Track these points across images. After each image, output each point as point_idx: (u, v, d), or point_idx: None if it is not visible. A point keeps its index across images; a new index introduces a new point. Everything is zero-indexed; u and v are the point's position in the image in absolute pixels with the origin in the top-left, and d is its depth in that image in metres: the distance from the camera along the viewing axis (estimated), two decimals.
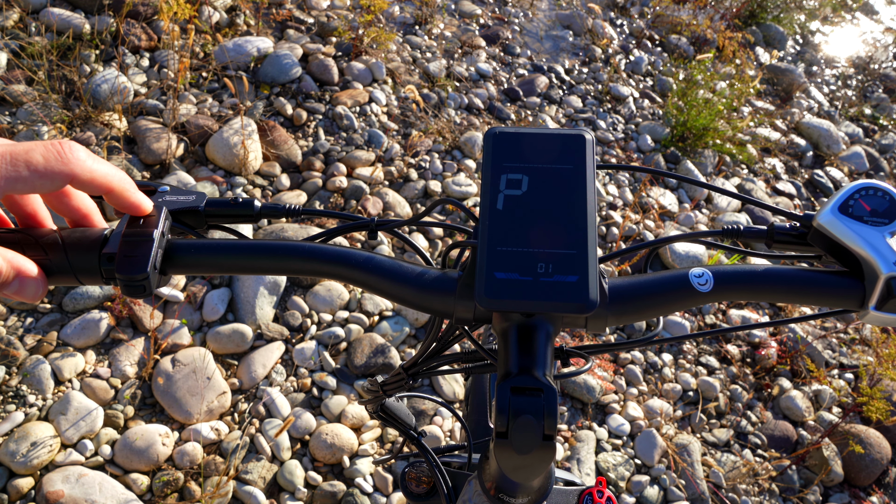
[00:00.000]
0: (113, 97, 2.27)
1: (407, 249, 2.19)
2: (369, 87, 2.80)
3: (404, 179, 2.48)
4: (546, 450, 0.40)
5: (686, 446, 1.93)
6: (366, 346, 1.90)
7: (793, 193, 3.22)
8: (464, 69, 3.17)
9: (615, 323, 0.48)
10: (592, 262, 0.42)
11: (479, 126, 2.87)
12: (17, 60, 2.25)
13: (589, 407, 1.99)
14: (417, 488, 0.66)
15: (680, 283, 0.49)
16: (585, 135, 0.46)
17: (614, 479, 1.83)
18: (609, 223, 2.60)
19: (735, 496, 1.88)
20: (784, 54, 4.63)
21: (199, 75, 2.56)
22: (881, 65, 4.87)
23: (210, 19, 2.72)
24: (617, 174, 2.89)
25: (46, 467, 1.50)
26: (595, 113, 3.25)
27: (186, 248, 0.50)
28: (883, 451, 2.02)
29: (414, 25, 3.37)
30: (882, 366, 2.07)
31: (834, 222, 0.50)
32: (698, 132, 3.09)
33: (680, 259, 2.43)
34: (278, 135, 2.38)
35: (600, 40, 3.84)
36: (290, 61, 2.66)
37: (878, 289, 0.48)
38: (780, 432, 2.07)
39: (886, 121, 4.14)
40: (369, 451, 1.71)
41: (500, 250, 0.43)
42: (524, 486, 0.46)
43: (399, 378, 0.64)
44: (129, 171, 2.09)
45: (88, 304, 1.79)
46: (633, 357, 2.17)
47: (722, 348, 2.30)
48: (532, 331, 0.44)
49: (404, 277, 0.49)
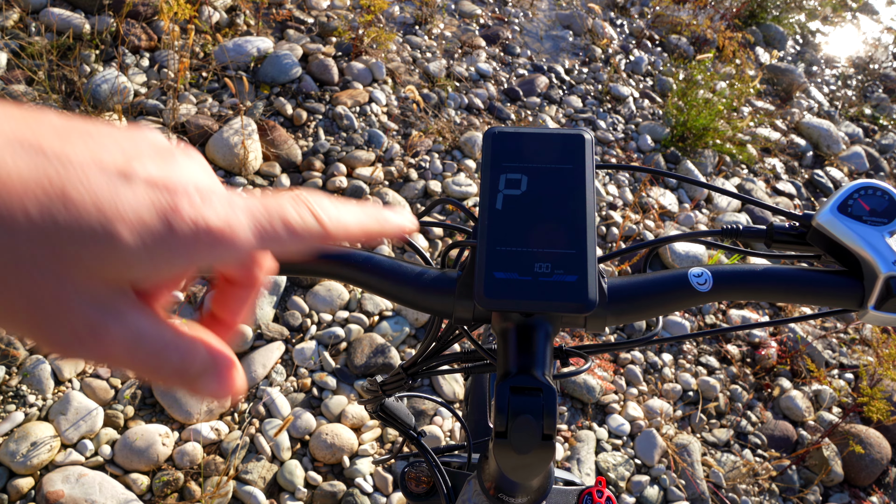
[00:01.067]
0: (113, 97, 2.27)
1: (407, 249, 2.19)
2: (369, 87, 2.80)
3: (404, 179, 2.48)
4: (545, 449, 0.40)
5: (686, 446, 1.93)
6: (366, 346, 1.90)
7: (793, 193, 3.22)
8: (464, 69, 3.17)
9: (614, 322, 0.48)
10: (592, 262, 0.42)
11: (479, 126, 2.87)
12: (17, 60, 2.25)
13: (589, 407, 1.99)
14: (417, 488, 0.66)
15: (679, 283, 0.49)
16: (585, 134, 0.46)
17: (614, 479, 1.83)
18: (609, 223, 2.60)
19: (735, 496, 1.88)
20: (784, 54, 4.63)
21: (199, 75, 2.56)
22: (881, 65, 4.87)
23: (210, 19, 2.72)
24: (617, 174, 2.89)
25: (46, 467, 1.50)
26: (595, 113, 3.25)
27: None
28: (883, 451, 2.02)
29: (414, 25, 3.37)
30: (882, 366, 2.06)
31: (833, 222, 0.51)
32: (698, 132, 3.09)
33: (680, 259, 2.43)
34: (278, 135, 2.38)
35: (600, 40, 3.84)
36: (290, 61, 2.66)
37: (877, 288, 0.48)
38: (780, 432, 2.07)
39: (886, 121, 4.14)
40: (369, 451, 1.71)
41: (499, 250, 0.43)
42: (523, 486, 0.46)
43: (399, 378, 0.64)
44: None
45: None
46: (633, 357, 2.17)
47: (722, 348, 2.30)
48: (531, 330, 0.44)
49: (404, 277, 0.49)
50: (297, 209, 0.28)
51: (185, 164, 0.27)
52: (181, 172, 0.26)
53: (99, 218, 0.23)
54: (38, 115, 0.25)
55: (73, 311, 0.23)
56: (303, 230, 0.28)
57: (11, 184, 0.22)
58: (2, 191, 0.21)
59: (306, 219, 0.29)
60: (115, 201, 0.23)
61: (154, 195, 0.24)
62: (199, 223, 0.25)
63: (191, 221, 0.24)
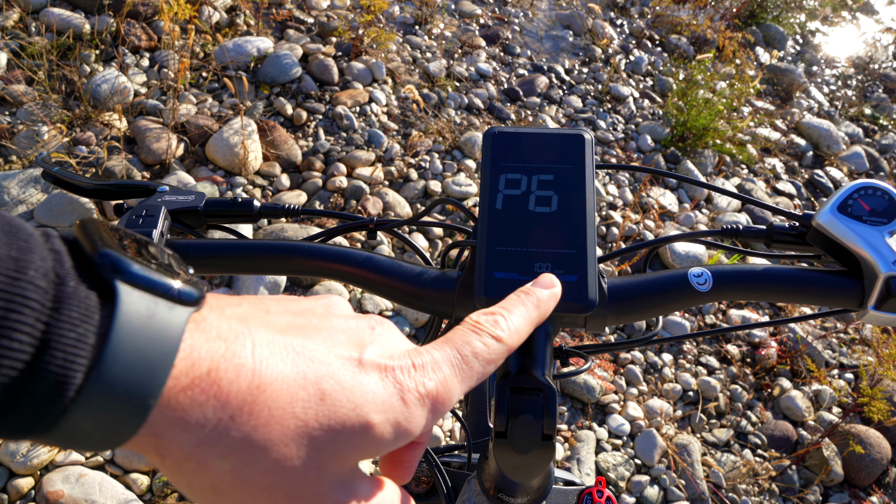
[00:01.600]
0: (113, 97, 2.27)
1: (407, 249, 2.19)
2: (369, 87, 2.80)
3: (404, 179, 2.48)
4: (545, 449, 0.40)
5: (686, 446, 1.93)
6: None
7: (793, 193, 3.22)
8: (464, 69, 3.17)
9: (614, 322, 0.48)
10: (591, 262, 0.42)
11: (479, 126, 2.87)
12: (17, 60, 2.25)
13: (589, 407, 1.99)
14: (417, 488, 0.65)
15: (679, 283, 0.49)
16: (585, 135, 0.46)
17: (614, 479, 1.83)
18: (609, 223, 2.60)
19: (735, 496, 1.88)
20: (784, 54, 4.63)
21: (199, 75, 2.56)
22: (881, 65, 4.87)
23: (210, 19, 2.72)
24: (617, 174, 2.89)
25: (46, 467, 1.50)
26: (595, 113, 3.25)
27: (185, 248, 0.50)
28: (883, 451, 2.02)
29: (414, 25, 3.37)
30: (882, 366, 2.06)
31: (833, 222, 0.51)
32: (698, 132, 3.09)
33: (680, 259, 2.43)
34: (278, 135, 2.38)
35: (600, 40, 3.84)
36: (290, 61, 2.66)
37: (877, 288, 0.48)
38: (780, 432, 2.07)
39: (886, 121, 4.14)
40: None
41: (499, 250, 0.43)
42: (523, 486, 0.46)
43: None
44: (128, 171, 2.09)
45: None
46: (633, 357, 2.17)
47: (722, 348, 2.30)
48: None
49: (404, 277, 0.49)
50: (482, 340, 0.30)
51: (388, 338, 0.29)
52: (392, 348, 0.28)
53: (354, 410, 0.24)
54: (267, 306, 0.27)
55: (325, 497, 0.25)
56: (494, 357, 0.30)
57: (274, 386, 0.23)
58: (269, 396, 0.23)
59: (492, 346, 0.30)
60: (363, 392, 0.25)
61: (386, 377, 0.26)
62: (423, 394, 0.27)
63: (418, 394, 0.26)
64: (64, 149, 2.07)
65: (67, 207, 1.90)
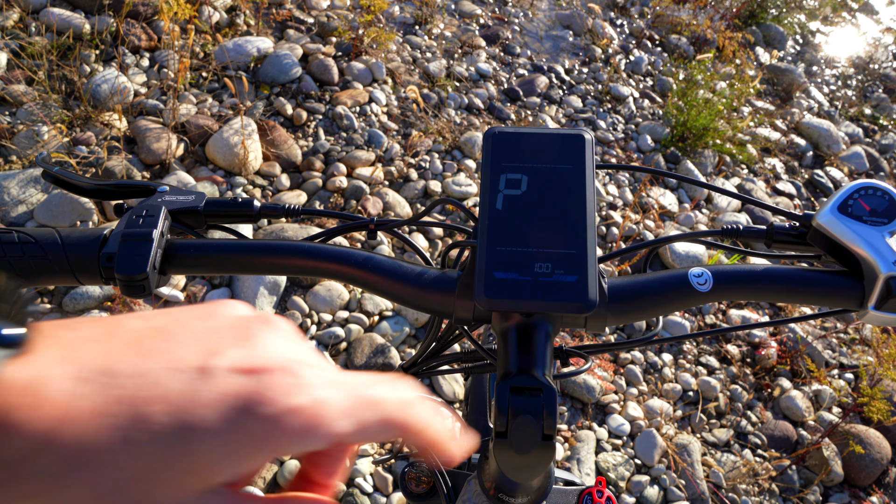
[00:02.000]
0: (113, 97, 2.27)
1: (407, 249, 2.19)
2: (369, 87, 2.80)
3: (404, 179, 2.48)
4: (545, 449, 0.40)
5: (686, 446, 1.93)
6: (366, 346, 1.90)
7: (793, 193, 3.22)
8: (464, 69, 3.17)
9: (615, 322, 0.48)
10: (592, 262, 0.42)
11: (479, 126, 2.87)
12: (17, 60, 2.25)
13: (589, 407, 1.99)
14: (417, 488, 0.65)
15: (679, 283, 0.49)
16: (585, 134, 0.46)
17: (614, 479, 1.83)
18: (609, 223, 2.60)
19: (735, 496, 1.88)
20: (784, 54, 4.63)
21: (199, 75, 2.56)
22: (881, 65, 4.87)
23: (210, 19, 2.72)
24: (617, 174, 2.89)
25: None
26: (595, 113, 3.25)
27: (186, 248, 0.50)
28: (883, 451, 2.02)
29: (414, 25, 3.37)
30: (882, 366, 2.06)
31: (833, 222, 0.51)
32: (698, 132, 3.09)
33: (680, 259, 2.43)
34: (278, 135, 2.38)
35: (600, 40, 3.84)
36: (290, 61, 2.66)
37: (877, 288, 0.48)
38: (780, 432, 2.07)
39: (886, 121, 4.14)
40: (369, 450, 1.71)
41: (499, 250, 0.43)
42: (524, 486, 0.46)
43: None
44: (128, 171, 2.09)
45: (88, 304, 1.79)
46: (633, 357, 2.17)
47: (722, 348, 2.30)
48: (531, 330, 0.44)
49: (404, 277, 0.49)
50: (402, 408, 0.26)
51: (268, 341, 0.26)
52: (265, 351, 0.25)
53: (173, 423, 0.22)
54: (114, 328, 0.24)
55: None
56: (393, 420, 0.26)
57: (80, 416, 0.21)
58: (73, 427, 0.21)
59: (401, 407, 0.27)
60: (192, 401, 0.22)
61: (239, 382, 0.23)
62: (286, 406, 0.23)
63: (278, 406, 0.23)
64: (64, 149, 2.07)
65: (67, 207, 1.90)
